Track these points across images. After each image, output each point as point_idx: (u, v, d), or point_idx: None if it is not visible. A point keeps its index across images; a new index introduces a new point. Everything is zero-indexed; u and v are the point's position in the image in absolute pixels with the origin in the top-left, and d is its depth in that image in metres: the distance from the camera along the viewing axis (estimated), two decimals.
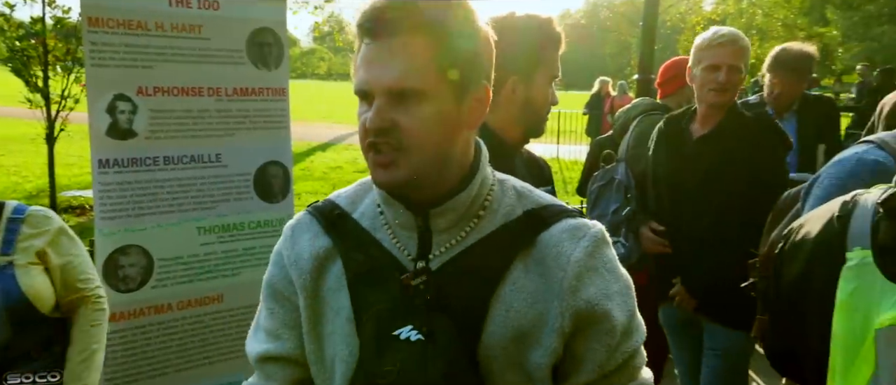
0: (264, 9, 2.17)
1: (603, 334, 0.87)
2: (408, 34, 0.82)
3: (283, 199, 2.25)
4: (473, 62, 0.86)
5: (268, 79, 2.18)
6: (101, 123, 1.92)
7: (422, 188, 0.87)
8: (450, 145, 0.87)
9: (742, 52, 2.05)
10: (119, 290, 1.98)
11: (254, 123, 2.17)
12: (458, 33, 0.84)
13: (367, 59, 0.84)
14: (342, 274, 0.91)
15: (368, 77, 0.83)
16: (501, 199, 0.92)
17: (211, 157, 2.10)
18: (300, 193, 7.60)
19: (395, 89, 0.82)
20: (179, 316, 2.08)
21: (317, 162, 10.81)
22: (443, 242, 0.89)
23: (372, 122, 0.82)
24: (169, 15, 2.00)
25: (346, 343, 0.89)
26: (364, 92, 0.84)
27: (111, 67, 1.93)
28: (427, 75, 0.82)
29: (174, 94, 2.02)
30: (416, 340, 0.82)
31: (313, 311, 0.93)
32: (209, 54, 2.07)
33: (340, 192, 1.01)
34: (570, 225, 0.90)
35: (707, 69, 2.05)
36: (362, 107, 0.85)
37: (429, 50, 0.82)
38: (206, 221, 2.10)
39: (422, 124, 0.82)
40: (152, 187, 2.00)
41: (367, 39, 0.84)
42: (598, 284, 0.88)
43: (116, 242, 1.96)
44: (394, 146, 0.83)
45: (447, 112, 0.84)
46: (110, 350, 1.96)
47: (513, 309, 0.86)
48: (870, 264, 1.03)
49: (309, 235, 0.96)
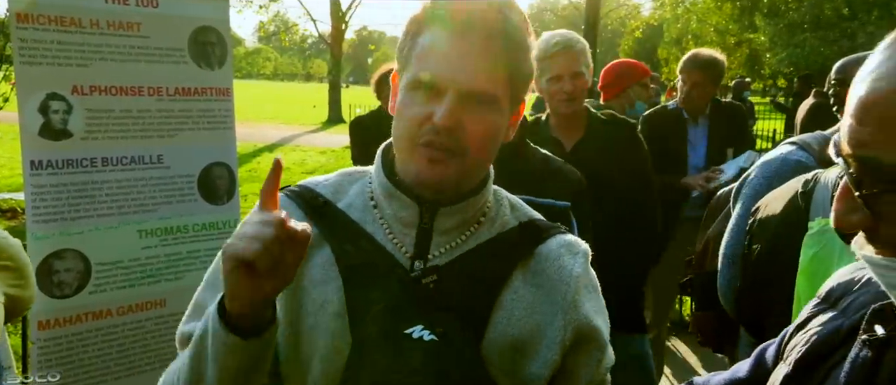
0: (206, 7, 2.13)
1: (594, 349, 0.89)
2: (495, 38, 0.80)
3: (228, 200, 2.22)
4: (530, 76, 0.87)
5: (211, 78, 2.15)
6: (32, 123, 1.85)
7: (449, 190, 0.85)
8: (494, 154, 0.87)
9: (579, 55, 2.03)
10: (53, 296, 1.90)
11: (197, 124, 2.13)
12: (525, 46, 0.84)
13: (447, 53, 0.80)
14: (329, 265, 0.86)
15: (448, 72, 0.79)
16: (498, 209, 0.93)
17: (152, 158, 2.05)
18: (247, 195, 7.43)
19: (474, 91, 0.79)
20: (119, 322, 2.02)
21: (263, 163, 10.59)
22: (442, 243, 0.87)
23: (444, 119, 0.78)
24: (105, 12, 1.94)
25: (329, 339, 0.84)
26: (434, 86, 0.80)
27: (43, 65, 1.86)
28: (502, 83, 0.81)
29: (112, 93, 1.96)
30: (429, 340, 0.79)
31: (292, 303, 0.86)
32: (149, 53, 2.02)
33: (317, 180, 0.96)
34: (565, 240, 0.92)
35: (552, 80, 2.04)
36: (417, 98, 0.81)
37: (507, 58, 0.81)
38: (148, 224, 2.05)
39: (486, 131, 0.82)
40: (90, 189, 1.93)
41: (448, 32, 0.80)
42: (592, 301, 0.90)
43: (51, 246, 1.89)
44: (452, 147, 0.80)
45: (503, 122, 0.85)
46: (44, 358, 1.89)
47: (513, 317, 0.85)
48: (829, 231, 1.14)
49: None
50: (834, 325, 0.70)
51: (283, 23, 28.17)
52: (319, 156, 11.79)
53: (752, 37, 22.30)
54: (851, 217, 0.56)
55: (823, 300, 0.76)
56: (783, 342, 0.80)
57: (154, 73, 2.03)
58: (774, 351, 0.82)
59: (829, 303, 0.74)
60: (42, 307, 1.89)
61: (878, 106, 0.51)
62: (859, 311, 0.67)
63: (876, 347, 0.62)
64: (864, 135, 0.53)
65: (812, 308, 0.77)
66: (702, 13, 24.69)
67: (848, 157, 0.55)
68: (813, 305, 0.77)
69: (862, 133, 0.53)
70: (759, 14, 20.78)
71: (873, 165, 0.52)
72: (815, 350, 0.70)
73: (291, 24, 28.15)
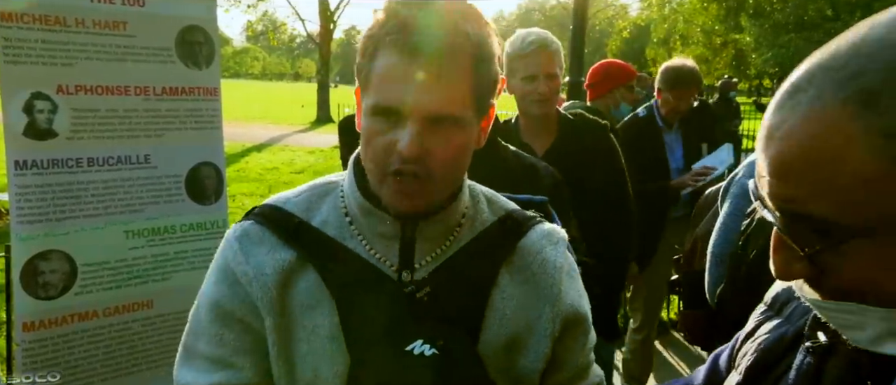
0: (193, 6, 2.12)
1: (581, 335, 0.91)
2: (453, 56, 0.76)
3: (216, 200, 2.20)
4: (494, 87, 0.83)
5: (198, 78, 2.13)
6: (16, 123, 1.83)
7: (431, 207, 0.84)
8: (466, 167, 0.85)
9: (555, 56, 1.95)
10: (39, 298, 1.88)
11: (184, 123, 2.11)
12: (489, 58, 0.80)
13: (404, 77, 0.75)
14: (317, 288, 0.83)
15: (405, 98, 0.75)
16: (476, 207, 0.92)
17: (139, 158, 2.03)
18: (235, 195, 7.39)
19: (436, 116, 0.76)
20: (106, 323, 2.00)
21: (252, 163, 10.52)
22: (426, 252, 0.86)
23: (410, 149, 0.75)
24: (90, 11, 1.92)
25: (326, 362, 0.81)
26: (395, 111, 0.76)
27: (27, 65, 1.84)
28: (465, 100, 0.78)
29: (98, 92, 1.94)
30: (430, 355, 0.77)
31: (282, 331, 0.83)
32: (135, 52, 2.00)
33: (287, 198, 0.91)
34: (544, 230, 0.92)
35: (524, 80, 1.93)
36: (380, 124, 0.78)
37: (468, 73, 0.77)
38: (135, 224, 2.03)
39: (454, 151, 0.79)
40: (75, 189, 1.91)
41: (404, 56, 0.75)
42: (574, 287, 0.91)
43: (36, 247, 1.87)
44: (422, 175, 0.77)
45: (471, 136, 0.82)
46: (29, 360, 1.87)
47: (506, 316, 0.85)
48: None
49: (265, 248, 0.85)
50: (779, 332, 0.71)
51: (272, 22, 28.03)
52: (308, 155, 11.74)
53: (737, 37, 22.53)
54: (792, 268, 0.55)
55: (769, 307, 0.76)
56: (735, 349, 0.80)
57: (141, 73, 2.01)
58: (727, 357, 0.83)
59: (775, 309, 0.75)
60: (27, 309, 1.86)
61: (794, 164, 0.51)
62: (802, 318, 0.67)
63: (818, 355, 0.62)
64: (788, 190, 0.52)
65: (759, 315, 0.77)
66: (688, 14, 24.91)
67: (774, 211, 0.54)
68: (760, 312, 0.78)
69: (784, 189, 0.52)
70: (744, 15, 21.00)
71: (805, 219, 0.51)
72: (763, 358, 0.70)
73: (280, 24, 28.04)
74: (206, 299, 0.87)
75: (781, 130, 0.51)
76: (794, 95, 0.52)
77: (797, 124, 0.50)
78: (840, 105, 0.48)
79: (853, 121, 0.47)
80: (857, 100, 0.47)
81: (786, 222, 0.54)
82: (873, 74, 0.47)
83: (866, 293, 0.52)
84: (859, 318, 0.53)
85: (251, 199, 7.31)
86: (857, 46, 0.49)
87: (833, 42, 0.52)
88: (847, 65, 0.49)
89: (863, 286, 0.52)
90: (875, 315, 0.52)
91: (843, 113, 0.48)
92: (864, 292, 0.52)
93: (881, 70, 0.47)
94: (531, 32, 1.96)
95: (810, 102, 0.50)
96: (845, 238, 0.50)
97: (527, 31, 1.98)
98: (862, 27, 0.51)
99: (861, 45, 0.49)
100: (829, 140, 0.48)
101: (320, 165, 10.42)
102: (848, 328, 0.55)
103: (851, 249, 0.51)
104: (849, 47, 0.50)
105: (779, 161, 0.52)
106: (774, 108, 0.53)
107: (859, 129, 0.47)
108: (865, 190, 0.48)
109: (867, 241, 0.49)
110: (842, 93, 0.48)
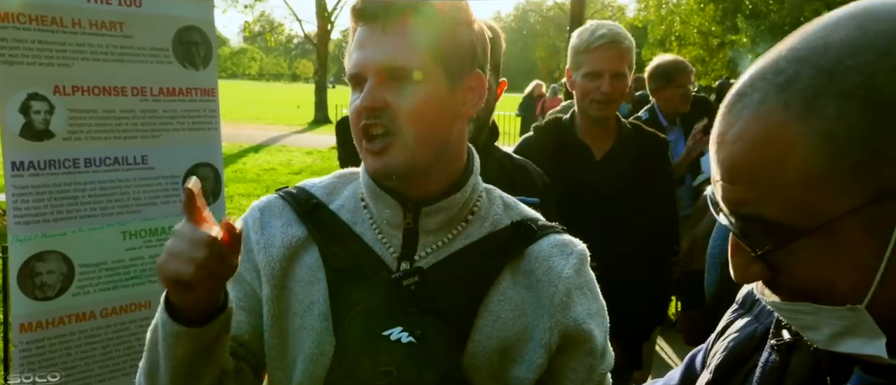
0: (190, 7, 2.12)
1: (584, 355, 0.87)
2: (401, 15, 0.81)
3: (214, 201, 2.20)
4: (466, 49, 0.85)
5: (196, 79, 2.13)
6: (13, 123, 1.82)
7: (416, 179, 0.85)
8: (445, 133, 0.85)
9: (625, 54, 1.80)
10: (36, 299, 1.88)
11: (181, 124, 2.11)
12: (450, 19, 0.84)
13: (360, 41, 0.82)
14: (317, 266, 0.87)
15: (361, 58, 0.81)
16: (489, 208, 0.91)
17: (136, 159, 2.03)
18: (232, 196, 7.38)
19: (386, 67, 0.80)
20: (103, 324, 2.00)
21: (249, 163, 10.51)
22: (429, 243, 0.87)
23: (363, 100, 0.79)
24: (87, 11, 1.92)
25: (315, 340, 0.84)
26: (356, 75, 0.82)
27: (24, 65, 1.83)
28: (419, 55, 0.81)
29: (95, 93, 1.94)
30: (407, 342, 0.78)
31: (279, 302, 0.87)
32: (132, 53, 2.00)
33: (314, 182, 0.97)
34: (558, 240, 0.90)
35: (587, 77, 1.79)
36: (354, 95, 0.83)
37: (421, 32, 0.81)
38: (132, 225, 2.03)
39: (414, 105, 0.80)
40: (72, 190, 1.91)
41: (361, 23, 0.83)
42: (583, 304, 0.88)
43: (32, 248, 1.86)
44: (386, 129, 0.80)
45: (440, 95, 0.83)
46: (27, 361, 1.87)
47: (500, 319, 0.84)
48: None
49: (281, 222, 0.91)
50: (749, 330, 0.72)
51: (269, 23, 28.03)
52: (306, 156, 11.73)
53: (734, 38, 22.59)
54: (749, 270, 0.56)
55: (740, 305, 0.77)
56: (708, 348, 0.81)
57: (138, 73, 2.01)
58: (702, 356, 0.83)
59: (745, 308, 0.76)
60: (24, 310, 1.86)
61: (743, 165, 0.52)
62: (771, 315, 0.68)
63: (783, 352, 0.63)
64: (739, 193, 0.53)
65: (730, 314, 0.78)
66: (685, 15, 24.96)
67: (729, 215, 0.55)
68: (731, 311, 0.79)
69: (736, 192, 0.53)
70: (740, 16, 21.05)
71: (755, 221, 0.53)
72: (733, 356, 0.71)
73: (277, 25, 28.05)
74: None
75: (729, 135, 0.53)
76: (739, 100, 0.53)
77: (743, 128, 0.52)
78: (782, 109, 0.49)
79: (795, 124, 0.49)
80: (796, 103, 0.49)
81: (739, 225, 0.55)
82: (808, 79, 0.49)
83: (819, 293, 0.53)
84: (815, 317, 0.54)
85: (249, 199, 7.31)
86: (793, 51, 0.51)
87: (775, 48, 0.54)
88: (785, 69, 0.50)
89: (815, 286, 0.53)
90: (829, 314, 0.53)
91: (785, 116, 0.49)
92: (817, 292, 0.53)
93: (815, 75, 0.48)
94: (602, 25, 1.83)
95: (754, 107, 0.51)
96: (793, 238, 0.51)
97: (597, 23, 1.85)
98: (797, 33, 0.53)
99: (798, 50, 0.51)
100: (774, 143, 0.50)
101: (318, 166, 10.41)
102: (806, 328, 0.56)
103: (801, 249, 0.51)
104: (787, 52, 0.51)
105: (728, 165, 0.53)
106: (723, 114, 0.55)
107: (800, 131, 0.48)
108: (809, 190, 0.49)
109: (816, 240, 0.50)
110: (782, 96, 0.50)
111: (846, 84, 0.47)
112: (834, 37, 0.49)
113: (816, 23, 0.52)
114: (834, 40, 0.49)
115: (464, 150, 0.90)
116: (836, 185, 0.48)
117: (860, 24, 0.49)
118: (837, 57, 0.48)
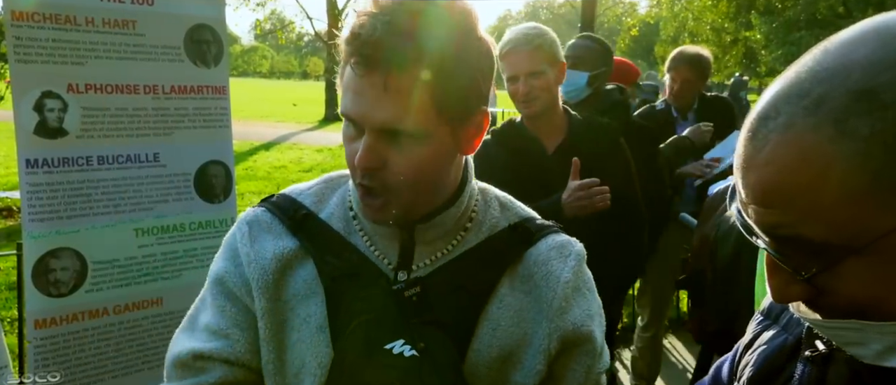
0: (202, 5, 2.12)
1: (584, 355, 0.85)
2: (406, 69, 0.72)
3: (225, 199, 2.21)
4: (472, 92, 0.78)
5: (207, 77, 2.14)
6: (28, 121, 1.84)
7: (412, 216, 0.83)
8: (444, 176, 0.83)
9: (534, 52, 1.82)
10: (50, 295, 1.90)
11: (193, 122, 2.12)
12: (459, 63, 0.75)
13: (357, 87, 0.75)
14: (313, 279, 0.84)
15: (358, 110, 0.75)
16: (486, 211, 0.89)
17: (148, 157, 2.04)
18: (243, 193, 7.43)
19: (387, 128, 0.74)
20: (116, 321, 2.02)
21: (260, 161, 10.57)
22: (427, 254, 0.85)
23: (361, 160, 0.75)
24: (100, 10, 1.93)
25: (313, 353, 0.82)
26: (354, 121, 0.77)
27: (38, 63, 1.85)
28: (423, 116, 0.74)
29: (108, 91, 1.96)
30: (409, 356, 0.76)
31: (275, 317, 0.84)
32: (145, 51, 2.02)
33: (301, 189, 0.93)
34: (556, 241, 0.88)
35: (509, 80, 1.87)
36: (349, 129, 0.79)
37: (427, 89, 0.73)
38: (144, 223, 2.04)
39: (415, 165, 0.76)
40: (85, 188, 1.93)
41: (358, 67, 0.73)
42: (582, 305, 0.86)
43: (47, 245, 1.88)
44: (383, 186, 0.77)
45: (442, 149, 0.78)
46: (41, 357, 1.89)
47: (500, 327, 0.82)
48: None
49: (271, 235, 0.87)
50: (778, 341, 0.71)
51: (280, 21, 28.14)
52: (316, 154, 11.77)
53: (748, 34, 22.36)
54: (790, 290, 0.55)
55: (766, 316, 0.77)
56: (736, 359, 0.80)
57: (150, 71, 2.02)
58: (729, 367, 0.82)
59: (772, 318, 0.75)
60: (38, 306, 1.88)
61: (779, 189, 0.51)
62: (800, 325, 0.68)
63: (819, 364, 0.63)
64: (775, 217, 0.52)
65: (756, 325, 0.78)
66: (698, 11, 24.75)
67: (766, 237, 0.55)
68: (757, 322, 0.78)
69: (771, 215, 0.52)
70: (754, 12, 20.83)
71: (797, 242, 0.52)
72: (765, 369, 0.70)
73: (287, 22, 28.15)
74: (213, 274, 0.89)
75: (759, 159, 0.52)
76: (764, 124, 0.52)
77: (774, 152, 0.51)
78: (812, 131, 0.49)
79: (828, 145, 0.48)
80: (827, 125, 0.48)
81: (778, 247, 0.54)
82: (836, 100, 0.48)
83: (868, 310, 0.52)
84: (861, 334, 0.53)
85: (259, 197, 7.32)
86: (815, 72, 0.50)
87: (792, 68, 0.53)
88: (810, 91, 0.50)
89: (862, 303, 0.52)
90: (878, 330, 0.52)
91: (818, 137, 0.49)
92: (864, 309, 0.52)
93: (843, 95, 0.48)
94: (512, 31, 1.88)
95: (782, 130, 0.51)
96: (840, 258, 0.50)
97: (510, 30, 1.90)
98: (817, 52, 0.52)
99: (819, 70, 0.50)
100: (810, 164, 0.49)
101: (328, 164, 10.44)
102: (851, 345, 0.55)
103: (847, 268, 0.51)
104: (808, 74, 0.51)
105: (762, 189, 0.52)
106: (748, 138, 0.54)
107: (836, 152, 0.48)
108: (852, 209, 0.48)
109: (862, 259, 0.50)
110: (811, 120, 0.49)
111: (877, 102, 0.47)
112: (857, 55, 0.49)
113: (835, 41, 0.52)
114: (858, 59, 0.49)
115: (461, 170, 0.87)
116: (878, 203, 0.48)
117: (884, 41, 0.49)
118: (864, 76, 0.48)
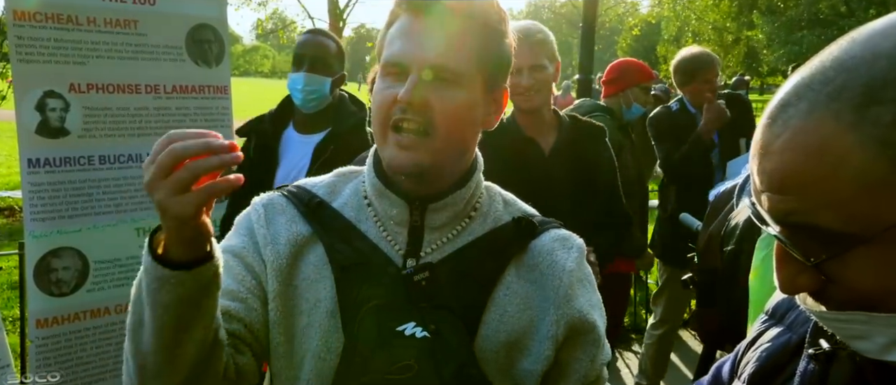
0: (203, 5, 2.13)
1: (588, 345, 0.88)
2: (458, 16, 0.81)
3: (226, 198, 2.22)
4: (504, 62, 0.88)
5: (209, 76, 2.14)
6: (29, 121, 1.84)
7: (429, 178, 0.85)
8: (470, 138, 0.87)
9: (538, 46, 1.86)
10: (52, 295, 1.90)
11: (194, 122, 2.13)
12: (497, 31, 0.86)
13: (409, 31, 0.82)
14: (323, 264, 0.86)
15: (409, 49, 0.81)
16: (490, 204, 0.93)
17: None
18: None
19: (436, 66, 0.80)
20: (117, 320, 2.02)
21: None
22: (434, 240, 0.88)
23: (405, 94, 0.78)
24: (101, 9, 1.93)
25: (322, 337, 0.84)
26: (399, 64, 0.81)
27: (40, 63, 1.86)
28: (469, 61, 0.82)
29: (109, 91, 1.96)
30: (422, 337, 0.78)
31: (285, 300, 0.86)
32: (146, 51, 2.02)
33: (314, 181, 0.96)
34: (559, 234, 0.92)
35: (511, 74, 1.92)
36: (387, 82, 0.82)
37: (473, 37, 0.82)
38: (146, 222, 2.05)
39: (455, 109, 0.81)
40: (87, 187, 1.93)
41: (412, 14, 0.82)
42: (585, 295, 0.89)
43: (48, 245, 1.89)
44: (421, 127, 0.80)
45: (476, 104, 0.84)
46: (43, 356, 1.89)
47: (507, 313, 0.85)
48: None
49: (284, 218, 0.90)
50: (782, 339, 0.72)
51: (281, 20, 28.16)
52: None
53: (750, 34, 22.33)
54: (798, 281, 0.56)
55: (771, 316, 0.77)
56: (737, 358, 0.81)
57: (151, 71, 2.03)
58: (730, 367, 0.83)
59: (776, 318, 0.76)
60: (40, 305, 1.89)
61: (795, 175, 0.51)
62: (804, 325, 0.68)
63: (822, 361, 0.63)
64: (789, 204, 0.52)
65: (761, 325, 0.78)
66: (700, 10, 24.71)
67: (776, 225, 0.55)
68: (761, 322, 0.79)
69: (785, 202, 0.53)
70: (756, 11, 20.80)
71: (808, 230, 0.52)
72: (767, 365, 0.71)
73: (289, 22, 28.13)
74: (229, 248, 0.88)
75: (776, 145, 0.52)
76: (784, 111, 0.53)
77: (792, 139, 0.51)
78: (832, 118, 0.49)
79: (848, 132, 0.48)
80: (847, 112, 0.49)
81: (789, 235, 0.54)
82: (859, 88, 0.48)
83: (876, 301, 0.52)
84: (867, 327, 0.53)
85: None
86: (841, 61, 0.51)
87: (817, 58, 0.54)
88: (833, 79, 0.50)
89: (869, 294, 0.52)
90: (885, 322, 0.52)
91: (837, 125, 0.49)
92: (871, 301, 0.52)
93: (867, 83, 0.48)
94: (519, 25, 1.89)
95: (802, 117, 0.51)
96: (850, 246, 0.51)
97: (511, 24, 1.92)
98: (844, 42, 0.53)
99: (845, 59, 0.51)
100: (827, 152, 0.49)
101: None
102: (855, 338, 0.55)
103: (856, 257, 0.51)
104: (833, 62, 0.51)
105: (778, 176, 0.53)
106: (766, 125, 0.54)
107: (855, 139, 0.48)
108: (867, 198, 0.49)
109: (873, 248, 0.50)
110: (833, 106, 0.49)
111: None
112: (883, 46, 0.49)
113: (863, 31, 0.52)
114: (884, 49, 0.49)
115: (473, 152, 0.92)
116: (893, 192, 0.48)
117: None
118: (889, 65, 0.48)
